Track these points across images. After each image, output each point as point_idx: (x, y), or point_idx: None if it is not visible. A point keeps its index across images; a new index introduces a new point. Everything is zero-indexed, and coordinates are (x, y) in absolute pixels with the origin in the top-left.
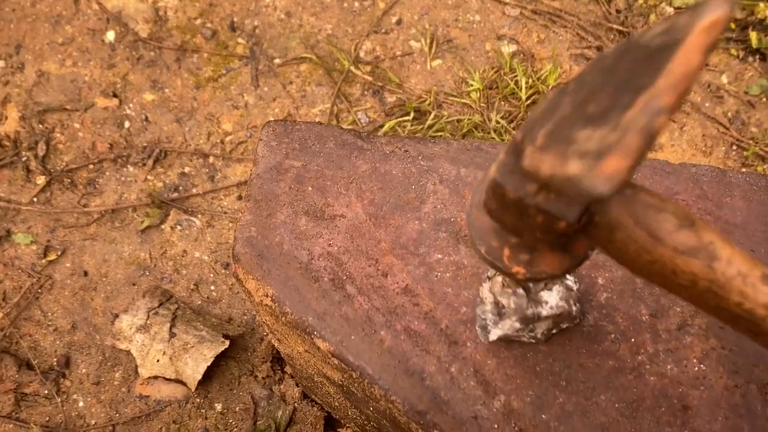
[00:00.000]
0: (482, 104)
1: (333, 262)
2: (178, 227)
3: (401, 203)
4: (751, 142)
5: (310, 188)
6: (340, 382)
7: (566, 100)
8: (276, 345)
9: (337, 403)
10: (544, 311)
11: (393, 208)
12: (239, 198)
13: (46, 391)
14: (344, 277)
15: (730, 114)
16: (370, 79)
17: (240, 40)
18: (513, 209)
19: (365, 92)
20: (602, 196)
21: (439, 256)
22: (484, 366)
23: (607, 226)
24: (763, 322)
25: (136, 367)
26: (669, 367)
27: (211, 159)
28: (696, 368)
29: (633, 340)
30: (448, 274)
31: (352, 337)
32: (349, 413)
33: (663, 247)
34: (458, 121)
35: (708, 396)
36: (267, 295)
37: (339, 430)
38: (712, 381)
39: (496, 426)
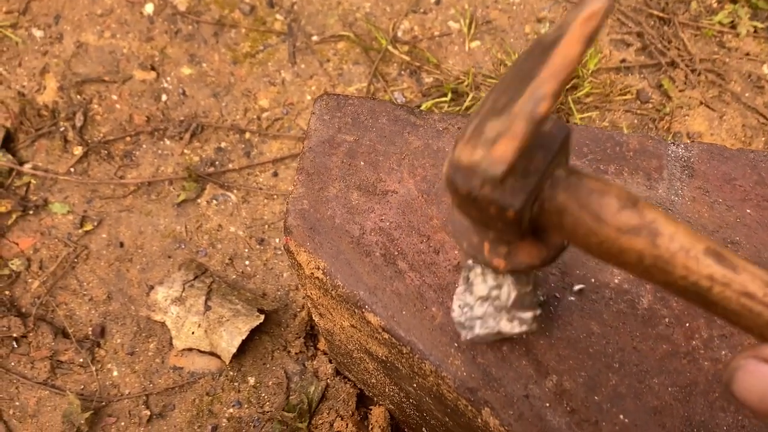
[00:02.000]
0: None
1: (385, 238)
2: (214, 202)
3: None
4: None
5: (362, 163)
6: (384, 358)
7: (491, 97)
8: (317, 320)
9: (374, 380)
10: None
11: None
12: (275, 175)
13: (81, 360)
14: (396, 253)
15: None
16: (407, 58)
17: (278, 16)
18: (469, 203)
19: (402, 72)
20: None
21: None
22: (536, 345)
23: (555, 212)
24: (709, 292)
25: (171, 338)
26: (723, 352)
27: (247, 135)
28: None
29: (687, 324)
30: None
31: (404, 313)
32: (386, 390)
33: (607, 228)
34: None
35: None
36: (318, 268)
37: (371, 407)
38: None
39: (547, 405)
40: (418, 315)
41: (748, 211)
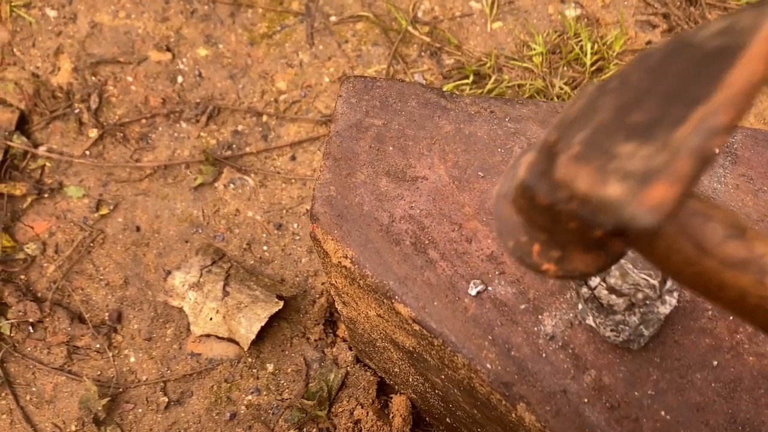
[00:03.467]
0: (544, 69)
1: (415, 226)
2: (231, 186)
3: (486, 167)
4: None
5: (391, 148)
6: (411, 349)
7: (607, 102)
8: (340, 308)
9: (396, 369)
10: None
11: (478, 171)
12: (292, 158)
13: (98, 345)
14: (426, 242)
15: None
16: (427, 39)
17: None
18: (543, 212)
19: (422, 53)
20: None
21: None
22: (574, 339)
23: (648, 234)
24: None
25: (189, 324)
26: None
27: (264, 118)
28: None
29: (731, 317)
30: None
31: (435, 303)
32: (410, 380)
33: (709, 260)
34: (519, 86)
35: None
36: (346, 257)
37: (392, 395)
38: None
39: (586, 401)
40: (450, 306)
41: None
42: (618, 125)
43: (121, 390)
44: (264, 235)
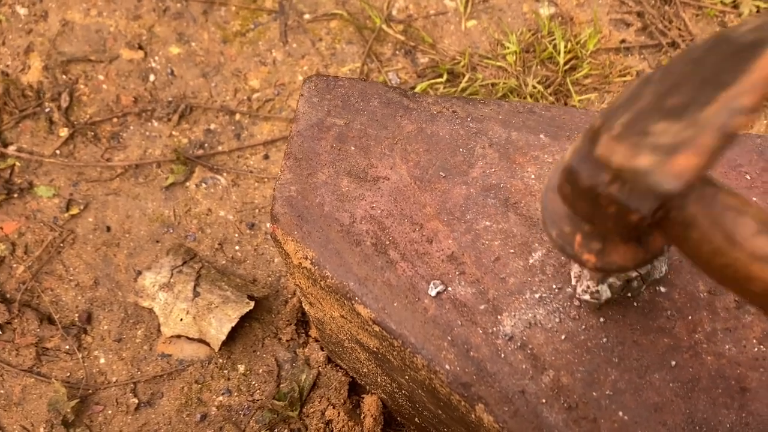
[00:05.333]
0: (518, 68)
1: (376, 226)
2: (203, 185)
3: (448, 167)
4: None
5: (352, 148)
6: (375, 350)
7: (649, 90)
8: (306, 308)
9: (365, 370)
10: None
11: (439, 171)
12: (266, 157)
13: (67, 347)
14: (387, 242)
15: None
16: (402, 38)
17: None
18: (585, 197)
19: (397, 52)
20: (669, 194)
21: (487, 223)
22: (532, 339)
23: (682, 224)
24: None
25: (159, 325)
26: (727, 347)
27: (237, 116)
28: (755, 349)
29: (690, 317)
30: (496, 243)
31: (395, 305)
32: (378, 380)
33: (738, 251)
34: (493, 84)
35: None
36: (306, 258)
37: (363, 395)
38: None
39: (544, 401)
40: (410, 307)
41: (754, 199)
42: (656, 108)
43: (90, 391)
44: (236, 235)
